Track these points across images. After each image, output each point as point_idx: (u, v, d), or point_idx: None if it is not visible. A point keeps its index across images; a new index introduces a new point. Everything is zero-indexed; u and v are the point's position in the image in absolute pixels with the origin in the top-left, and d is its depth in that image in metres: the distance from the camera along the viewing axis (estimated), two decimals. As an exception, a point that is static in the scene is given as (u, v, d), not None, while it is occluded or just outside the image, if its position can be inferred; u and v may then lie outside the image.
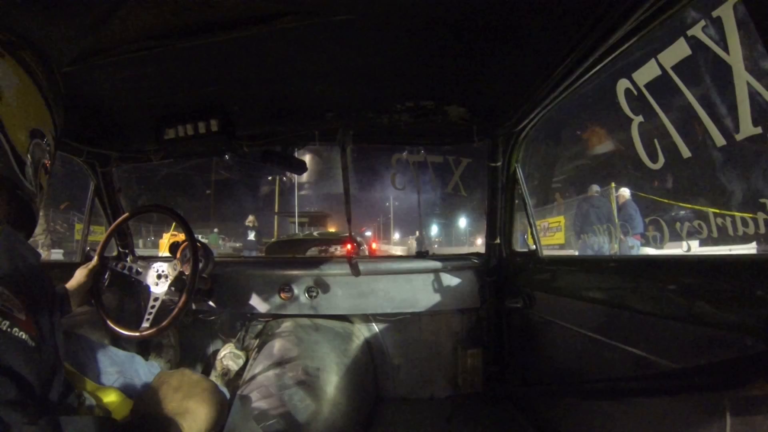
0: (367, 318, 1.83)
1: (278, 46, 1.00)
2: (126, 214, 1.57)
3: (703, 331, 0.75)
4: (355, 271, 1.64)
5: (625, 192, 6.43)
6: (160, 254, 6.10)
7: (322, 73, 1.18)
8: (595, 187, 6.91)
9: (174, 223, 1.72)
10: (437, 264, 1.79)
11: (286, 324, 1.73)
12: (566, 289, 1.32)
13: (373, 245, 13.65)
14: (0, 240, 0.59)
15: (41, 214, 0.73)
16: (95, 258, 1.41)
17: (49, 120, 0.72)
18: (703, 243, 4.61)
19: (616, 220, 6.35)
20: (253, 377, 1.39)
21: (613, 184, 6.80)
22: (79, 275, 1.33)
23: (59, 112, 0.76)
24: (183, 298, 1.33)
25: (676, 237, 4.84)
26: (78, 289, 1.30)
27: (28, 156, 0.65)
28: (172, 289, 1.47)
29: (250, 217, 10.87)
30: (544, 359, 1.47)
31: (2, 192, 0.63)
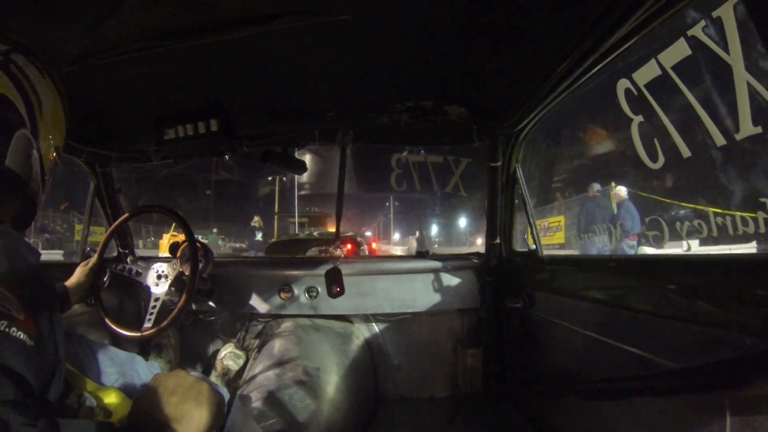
0: (367, 318, 1.83)
1: (278, 46, 1.00)
2: (126, 215, 1.57)
3: (703, 331, 0.75)
4: (334, 291, 1.53)
5: (622, 191, 6.27)
6: (160, 255, 6.09)
7: (322, 73, 1.18)
8: (596, 186, 6.89)
9: (174, 224, 1.72)
10: (437, 264, 1.79)
11: (286, 324, 1.73)
12: (566, 289, 1.32)
13: (373, 245, 13.65)
14: None
15: None
16: (95, 256, 1.41)
17: (64, 133, 0.78)
18: (703, 242, 4.61)
19: (617, 220, 6.33)
20: (253, 377, 1.39)
21: (613, 184, 6.78)
22: (79, 273, 1.34)
23: (69, 120, 0.79)
24: (183, 299, 1.33)
25: (676, 236, 4.83)
26: (77, 287, 1.31)
27: (49, 171, 0.72)
28: (172, 289, 1.47)
29: (256, 218, 10.86)
30: (544, 359, 1.47)
31: (21, 196, 0.66)
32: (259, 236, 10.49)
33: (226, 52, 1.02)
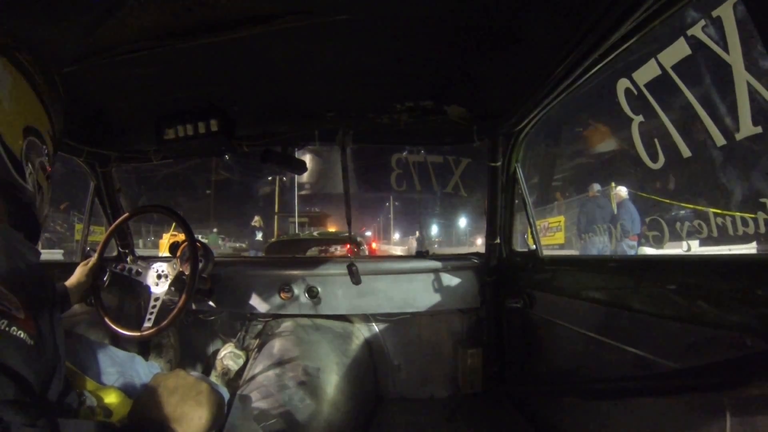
0: (367, 318, 1.83)
1: (278, 46, 1.01)
2: (126, 214, 1.57)
3: (703, 331, 0.75)
4: (355, 279, 1.63)
5: (622, 191, 6.27)
6: (160, 254, 6.09)
7: (322, 73, 1.18)
8: (596, 186, 6.89)
9: (174, 223, 1.72)
10: (437, 264, 1.79)
11: (286, 324, 1.73)
12: (566, 289, 1.32)
13: (373, 245, 13.65)
14: None
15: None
16: (95, 256, 1.41)
17: (45, 119, 0.72)
18: (703, 243, 4.61)
19: (617, 221, 6.33)
20: (253, 377, 1.39)
21: (613, 184, 6.78)
22: (79, 273, 1.34)
23: (58, 114, 0.76)
24: (183, 298, 1.33)
25: (677, 237, 4.83)
26: (77, 287, 1.31)
27: (23, 156, 0.65)
28: (172, 289, 1.47)
29: (257, 218, 10.85)
30: (544, 359, 1.47)
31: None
32: (259, 236, 10.50)
33: (226, 52, 1.02)
